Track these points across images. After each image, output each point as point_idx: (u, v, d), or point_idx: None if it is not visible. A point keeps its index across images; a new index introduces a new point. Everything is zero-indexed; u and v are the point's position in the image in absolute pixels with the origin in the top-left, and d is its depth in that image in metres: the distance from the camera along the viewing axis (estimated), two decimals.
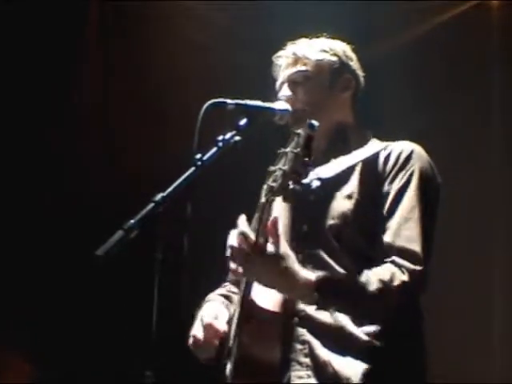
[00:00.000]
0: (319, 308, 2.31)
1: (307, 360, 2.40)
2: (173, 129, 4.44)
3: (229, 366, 2.39)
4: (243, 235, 2.25)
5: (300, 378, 2.40)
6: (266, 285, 2.31)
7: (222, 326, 2.51)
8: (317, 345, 2.40)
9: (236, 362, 2.36)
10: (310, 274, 2.29)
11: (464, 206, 4.12)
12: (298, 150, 2.17)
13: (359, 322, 2.38)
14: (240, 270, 2.33)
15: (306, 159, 2.16)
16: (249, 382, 2.36)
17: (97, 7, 4.52)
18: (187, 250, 2.30)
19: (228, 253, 2.30)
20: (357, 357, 2.37)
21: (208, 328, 2.51)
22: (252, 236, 2.26)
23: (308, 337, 2.42)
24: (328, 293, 2.28)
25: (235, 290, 2.68)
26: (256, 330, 2.37)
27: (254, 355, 2.36)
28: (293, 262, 2.26)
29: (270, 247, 2.24)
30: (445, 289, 3.90)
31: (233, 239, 2.30)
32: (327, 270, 2.40)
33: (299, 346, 2.42)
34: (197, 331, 2.54)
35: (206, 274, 3.15)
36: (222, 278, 2.80)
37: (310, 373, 2.39)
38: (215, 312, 2.58)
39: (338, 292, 2.30)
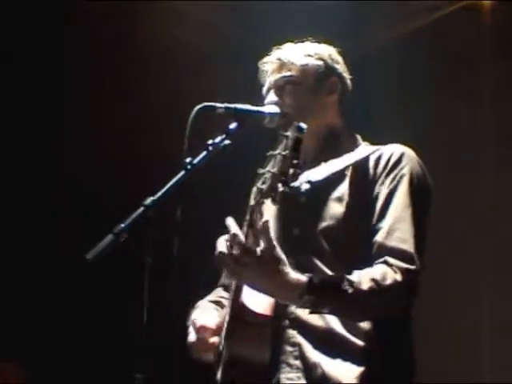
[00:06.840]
0: (312, 311, 2.29)
1: (297, 362, 2.39)
2: (162, 131, 4.44)
3: (219, 370, 2.39)
4: (234, 237, 2.23)
5: (289, 379, 2.39)
6: (257, 288, 2.28)
7: (214, 323, 2.50)
8: (307, 347, 2.39)
9: (226, 365, 2.36)
10: (301, 276, 2.27)
11: (454, 209, 4.12)
12: (287, 152, 2.16)
13: (351, 324, 2.38)
14: (231, 274, 2.32)
15: (295, 161, 2.15)
16: None
17: (83, 7, 4.50)
18: (177, 254, 2.30)
19: (218, 258, 2.27)
20: (346, 359, 2.36)
21: (201, 330, 2.50)
22: (243, 238, 2.24)
23: (299, 339, 2.41)
24: (320, 294, 2.26)
25: (225, 294, 2.67)
26: (246, 332, 2.36)
27: (243, 358, 2.34)
28: (284, 264, 2.24)
29: (261, 250, 2.22)
30: (433, 292, 3.90)
31: (222, 244, 2.29)
32: (318, 273, 2.38)
33: (289, 348, 2.41)
34: (191, 338, 2.53)
35: (195, 278, 3.16)
36: (211, 280, 2.80)
37: (299, 375, 2.38)
38: (205, 314, 2.57)
39: (330, 293, 2.28)
